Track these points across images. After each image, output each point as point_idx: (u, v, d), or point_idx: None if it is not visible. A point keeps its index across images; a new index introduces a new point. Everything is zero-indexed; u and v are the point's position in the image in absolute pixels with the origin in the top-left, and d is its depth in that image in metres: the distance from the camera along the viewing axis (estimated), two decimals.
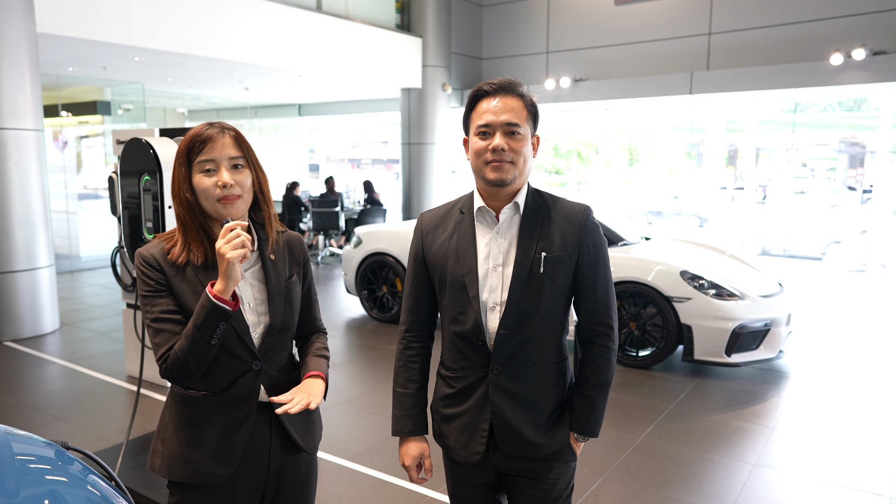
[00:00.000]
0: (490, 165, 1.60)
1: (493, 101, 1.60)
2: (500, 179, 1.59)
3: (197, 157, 1.53)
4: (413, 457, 1.76)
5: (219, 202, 1.53)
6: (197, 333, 1.48)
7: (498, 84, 1.62)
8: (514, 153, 1.59)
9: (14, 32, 5.74)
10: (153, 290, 1.54)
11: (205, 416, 1.59)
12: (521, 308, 1.62)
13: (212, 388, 1.59)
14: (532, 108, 1.64)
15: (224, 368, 1.59)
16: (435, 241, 1.73)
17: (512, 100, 1.60)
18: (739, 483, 3.36)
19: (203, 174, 1.53)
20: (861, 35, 8.29)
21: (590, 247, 1.66)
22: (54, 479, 1.24)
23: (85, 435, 3.98)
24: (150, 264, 1.55)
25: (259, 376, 1.62)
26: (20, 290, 6.05)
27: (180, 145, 1.55)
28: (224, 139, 1.55)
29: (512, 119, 1.59)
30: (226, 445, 1.59)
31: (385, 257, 6.54)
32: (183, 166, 1.55)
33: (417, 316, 1.79)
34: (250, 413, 1.60)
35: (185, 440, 1.59)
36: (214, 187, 1.53)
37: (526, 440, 1.66)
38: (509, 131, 1.59)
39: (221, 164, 1.54)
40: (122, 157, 3.30)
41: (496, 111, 1.59)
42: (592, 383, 1.69)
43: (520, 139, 1.60)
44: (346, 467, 3.54)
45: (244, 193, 1.57)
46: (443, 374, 1.78)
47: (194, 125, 1.62)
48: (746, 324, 4.80)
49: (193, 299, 1.54)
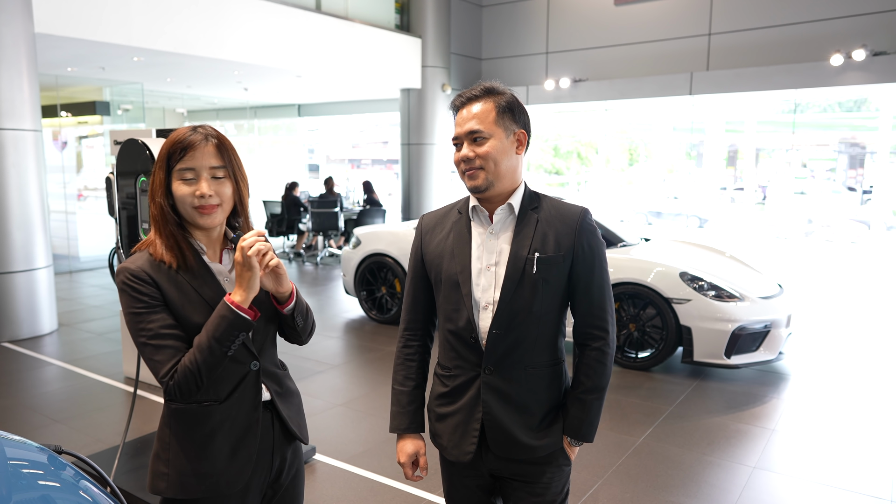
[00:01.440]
0: (466, 174, 1.65)
1: (462, 112, 1.65)
2: (474, 186, 1.64)
3: (177, 164, 1.49)
4: (408, 454, 1.77)
5: (195, 210, 1.50)
6: (215, 345, 1.45)
7: (466, 96, 1.66)
8: (481, 159, 1.62)
9: (12, 32, 5.72)
10: (147, 305, 1.48)
11: (213, 425, 1.55)
12: (514, 308, 1.63)
13: (216, 395, 1.55)
14: (505, 106, 1.63)
15: (226, 374, 1.56)
16: (433, 241, 1.76)
17: (477, 105, 1.63)
18: (739, 486, 3.34)
19: (182, 182, 1.49)
20: (861, 36, 8.28)
21: (585, 248, 1.66)
22: (47, 484, 1.22)
23: (81, 437, 3.96)
24: (141, 279, 1.48)
25: (259, 375, 1.61)
26: (18, 290, 6.03)
27: (161, 148, 1.51)
28: (206, 147, 1.50)
29: (474, 126, 1.61)
30: (240, 451, 1.56)
31: (384, 258, 6.52)
32: (162, 171, 1.51)
33: (416, 315, 1.81)
34: (258, 414, 1.59)
35: (195, 455, 1.54)
36: (192, 196, 1.49)
37: (517, 441, 1.66)
38: (473, 138, 1.62)
39: (201, 174, 1.49)
40: (118, 157, 3.29)
41: (461, 122, 1.64)
42: (587, 387, 1.68)
43: (484, 143, 1.61)
44: (343, 469, 3.52)
45: (223, 203, 1.53)
46: (438, 372, 1.79)
47: (195, 125, 1.59)
48: (746, 325, 4.78)
49: (191, 308, 1.51)
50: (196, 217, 1.51)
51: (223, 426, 1.55)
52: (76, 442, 3.88)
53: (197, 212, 1.50)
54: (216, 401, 1.55)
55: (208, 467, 1.54)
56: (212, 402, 1.55)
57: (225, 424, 1.55)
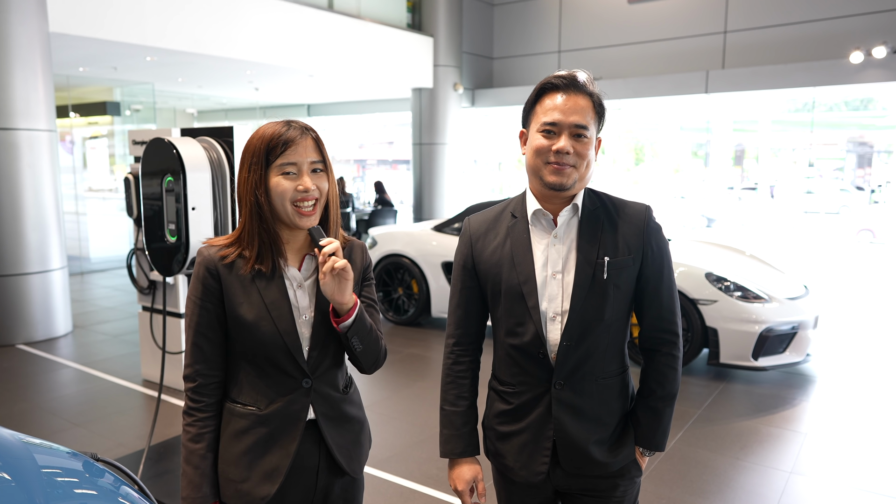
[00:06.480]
0: (550, 167, 1.49)
1: (560, 96, 1.49)
2: (560, 184, 1.49)
3: (278, 160, 1.45)
4: (466, 480, 1.63)
5: (295, 208, 1.46)
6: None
7: (569, 79, 1.50)
8: (578, 157, 1.49)
9: (27, 32, 5.67)
10: (200, 297, 1.49)
11: (249, 432, 1.50)
12: (585, 317, 1.51)
13: (258, 403, 1.50)
14: (600, 107, 1.53)
15: (273, 383, 1.50)
16: (486, 248, 1.60)
17: (581, 98, 1.49)
18: (777, 492, 3.27)
19: (283, 177, 1.45)
20: (882, 33, 8.19)
21: (654, 249, 1.56)
22: (84, 492, 1.19)
23: (103, 441, 3.90)
24: (209, 269, 1.48)
25: (309, 394, 1.52)
26: (33, 292, 5.98)
27: (255, 145, 1.46)
28: (306, 141, 1.47)
29: (580, 121, 1.48)
30: (268, 465, 1.50)
31: (401, 259, 6.45)
32: (259, 167, 1.45)
33: (467, 329, 1.67)
34: (296, 433, 1.51)
35: (227, 457, 1.51)
36: (295, 191, 1.45)
37: (591, 458, 1.56)
38: (576, 133, 1.48)
39: (303, 168, 1.46)
40: (143, 157, 3.23)
41: (565, 110, 1.48)
42: (659, 395, 1.60)
43: (586, 143, 1.50)
44: (371, 475, 3.45)
45: (321, 198, 1.49)
46: (497, 388, 1.66)
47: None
48: (773, 327, 4.70)
49: (247, 307, 1.47)
50: (295, 217, 1.46)
51: (258, 436, 1.49)
52: (98, 446, 3.82)
53: (296, 210, 1.46)
54: (258, 408, 1.50)
55: (236, 473, 1.50)
56: (254, 409, 1.50)
57: (260, 434, 1.50)
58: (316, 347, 1.52)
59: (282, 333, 1.47)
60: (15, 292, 5.89)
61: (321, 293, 1.52)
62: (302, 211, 1.46)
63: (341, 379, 1.61)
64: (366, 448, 1.68)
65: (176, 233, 3.11)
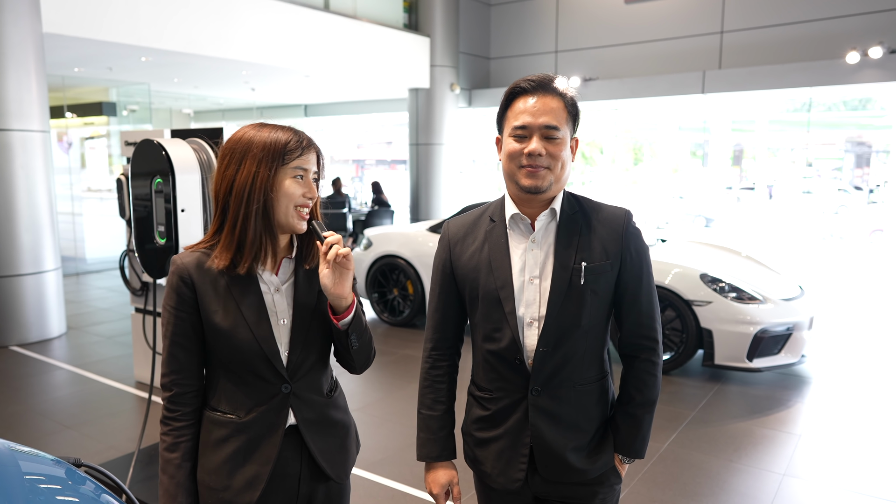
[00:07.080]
0: (524, 170, 1.48)
1: (530, 99, 1.47)
2: (535, 186, 1.48)
3: (294, 161, 1.46)
4: (442, 484, 1.64)
5: (296, 212, 1.47)
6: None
7: (537, 81, 1.49)
8: (551, 158, 1.47)
9: (20, 32, 5.65)
10: (175, 307, 1.47)
11: (229, 441, 1.48)
12: (562, 323, 1.50)
13: (238, 412, 1.49)
14: (573, 107, 1.51)
15: (252, 391, 1.48)
16: (464, 252, 1.59)
17: (552, 99, 1.48)
18: (770, 494, 3.25)
19: (293, 180, 1.46)
20: (878, 33, 8.18)
21: (633, 254, 1.54)
22: (66, 499, 1.19)
23: (94, 443, 3.88)
24: (183, 279, 1.46)
25: (288, 400, 1.50)
26: (26, 293, 5.96)
27: (269, 145, 1.44)
28: (311, 153, 1.50)
29: (551, 122, 1.46)
30: (249, 473, 1.49)
31: (396, 259, 6.44)
32: (267, 168, 1.44)
33: (444, 333, 1.66)
34: (276, 439, 1.49)
35: (208, 466, 1.50)
36: (302, 196, 1.47)
37: (569, 465, 1.54)
38: (547, 135, 1.47)
39: (308, 175, 1.49)
40: (132, 158, 3.21)
41: (534, 112, 1.46)
42: (638, 401, 1.58)
43: (559, 143, 1.48)
44: (362, 477, 3.43)
45: (313, 207, 1.54)
46: (476, 394, 1.65)
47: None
48: (768, 328, 4.68)
49: (222, 314, 1.45)
50: (295, 219, 1.47)
51: (238, 443, 1.48)
52: (89, 449, 3.80)
53: (297, 214, 1.47)
54: (237, 416, 1.48)
55: (216, 481, 1.48)
56: (233, 417, 1.49)
57: (240, 442, 1.48)
58: (295, 352, 1.50)
59: (258, 340, 1.45)
60: (8, 294, 5.88)
61: (299, 296, 1.51)
62: (302, 215, 1.48)
63: (325, 383, 1.59)
64: (352, 453, 1.66)
65: (165, 235, 3.09)
